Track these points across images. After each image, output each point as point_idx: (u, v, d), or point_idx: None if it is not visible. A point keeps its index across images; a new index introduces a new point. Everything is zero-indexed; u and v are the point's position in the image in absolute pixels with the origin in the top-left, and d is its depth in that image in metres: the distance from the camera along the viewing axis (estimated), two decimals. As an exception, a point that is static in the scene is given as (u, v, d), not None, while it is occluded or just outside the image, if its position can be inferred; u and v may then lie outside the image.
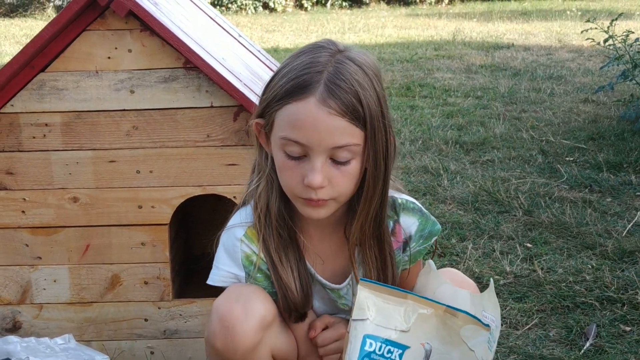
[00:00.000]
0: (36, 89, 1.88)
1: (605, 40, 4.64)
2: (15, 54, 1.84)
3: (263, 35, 10.40)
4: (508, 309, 2.29)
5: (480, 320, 1.33)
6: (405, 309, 1.33)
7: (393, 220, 1.53)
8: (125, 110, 1.89)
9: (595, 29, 4.64)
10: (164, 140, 1.90)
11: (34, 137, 1.90)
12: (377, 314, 1.33)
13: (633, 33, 4.72)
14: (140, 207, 1.93)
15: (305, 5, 16.32)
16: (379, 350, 1.31)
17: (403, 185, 1.60)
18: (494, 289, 1.44)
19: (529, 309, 2.29)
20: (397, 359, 1.31)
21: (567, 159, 3.84)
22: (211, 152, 1.90)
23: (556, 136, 4.25)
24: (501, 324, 1.57)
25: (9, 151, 1.91)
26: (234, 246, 1.50)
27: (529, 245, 2.77)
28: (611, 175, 3.51)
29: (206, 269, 1.55)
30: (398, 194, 1.54)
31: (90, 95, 1.88)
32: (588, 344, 2.07)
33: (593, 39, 4.91)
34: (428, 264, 1.46)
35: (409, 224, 1.54)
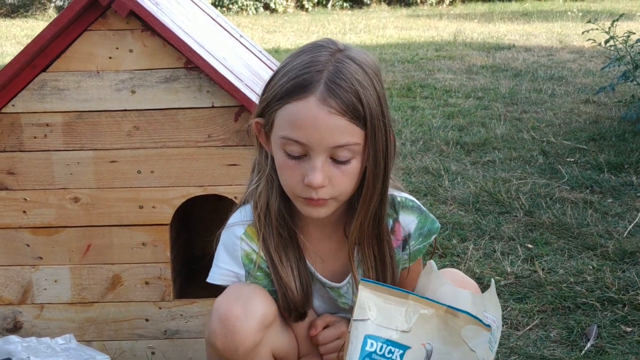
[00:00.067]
0: (37, 89, 1.88)
1: (606, 41, 4.64)
2: (17, 54, 1.84)
3: (264, 36, 10.40)
4: (509, 309, 2.28)
5: (481, 320, 1.33)
6: (406, 309, 1.33)
7: (392, 218, 1.53)
8: (126, 110, 1.89)
9: (596, 29, 4.64)
10: (165, 141, 1.90)
11: (35, 137, 1.90)
12: (378, 314, 1.33)
13: (634, 34, 4.72)
14: (141, 207, 1.93)
15: (306, 6, 16.32)
16: (380, 350, 1.31)
17: (403, 186, 1.60)
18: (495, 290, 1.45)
19: (529, 309, 2.29)
20: (398, 359, 1.31)
21: (568, 159, 3.84)
22: (212, 152, 1.90)
23: (557, 137, 4.25)
24: (502, 325, 1.57)
25: (10, 151, 1.91)
26: (234, 244, 1.50)
27: (529, 245, 2.77)
28: (612, 176, 3.51)
29: (207, 269, 1.55)
30: (397, 192, 1.54)
31: (92, 95, 1.88)
32: (589, 345, 2.07)
33: (594, 40, 4.91)
34: (429, 265, 1.46)
35: (408, 221, 1.54)
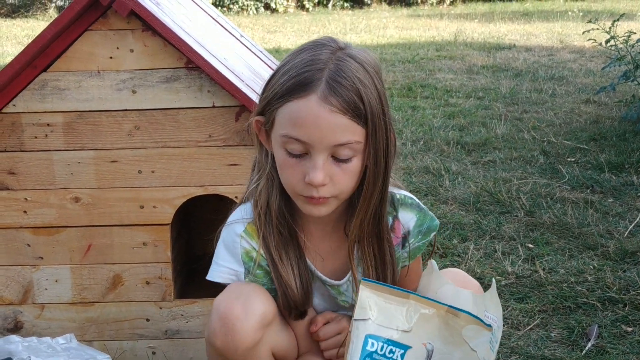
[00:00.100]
0: (38, 89, 1.88)
1: (607, 41, 4.64)
2: (17, 54, 1.84)
3: (264, 36, 10.40)
4: (510, 309, 2.28)
5: (482, 320, 1.33)
6: (407, 309, 1.33)
7: (392, 216, 1.53)
8: (127, 110, 1.89)
9: (597, 29, 4.64)
10: (166, 140, 1.90)
11: (35, 137, 1.90)
12: (379, 313, 1.33)
13: (635, 34, 4.72)
14: (142, 207, 1.93)
15: (307, 6, 16.33)
16: (381, 350, 1.31)
17: (404, 185, 1.60)
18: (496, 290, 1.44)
19: (530, 309, 2.29)
20: (399, 359, 1.31)
21: (569, 159, 3.84)
22: (213, 152, 1.90)
23: (558, 137, 4.24)
24: (503, 325, 1.57)
25: (11, 151, 1.91)
26: (234, 242, 1.50)
27: (530, 245, 2.77)
28: (613, 176, 3.51)
29: (208, 269, 1.55)
30: (397, 190, 1.54)
31: (92, 95, 1.88)
32: (590, 345, 2.07)
33: (595, 40, 4.90)
34: (430, 264, 1.46)
35: (407, 219, 1.54)
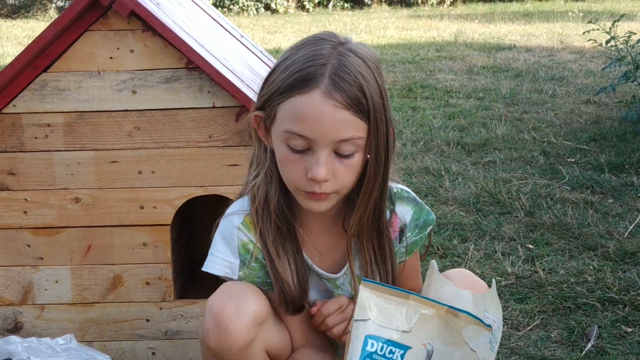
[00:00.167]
0: (38, 90, 1.88)
1: (607, 42, 4.64)
2: (17, 54, 1.85)
3: (265, 37, 10.40)
4: (509, 310, 2.28)
5: (482, 320, 1.33)
6: (407, 309, 1.33)
7: (389, 209, 1.52)
8: (127, 110, 1.89)
9: (597, 30, 4.64)
10: (166, 141, 1.90)
11: (36, 138, 1.90)
12: (379, 314, 1.33)
13: (635, 34, 4.72)
14: (142, 208, 1.93)
15: (307, 6, 16.34)
16: (381, 350, 1.31)
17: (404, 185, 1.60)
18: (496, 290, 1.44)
19: (530, 310, 2.29)
20: (399, 359, 1.31)
21: (569, 160, 3.84)
22: (213, 153, 1.91)
23: (558, 137, 4.25)
24: (503, 325, 1.57)
25: (11, 151, 1.91)
26: (232, 234, 1.49)
27: (530, 246, 2.77)
28: (613, 177, 3.51)
29: (208, 270, 1.56)
30: (393, 184, 1.54)
31: (92, 96, 1.88)
32: (589, 345, 2.07)
33: (595, 40, 4.91)
34: (431, 265, 1.46)
35: (404, 212, 1.54)
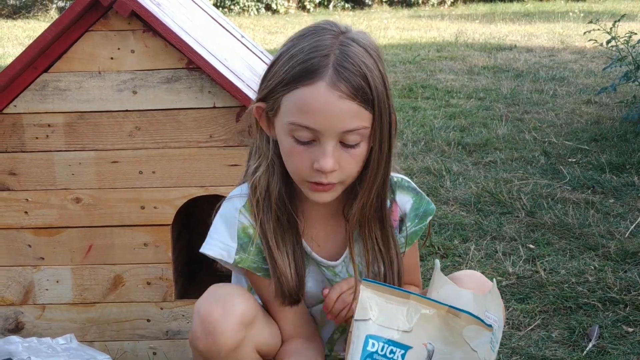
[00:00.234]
0: (39, 90, 1.88)
1: (608, 42, 4.64)
2: (18, 55, 1.85)
3: (265, 37, 10.40)
4: (511, 310, 2.28)
5: (482, 320, 1.33)
6: (407, 309, 1.33)
7: (390, 198, 1.52)
8: (127, 110, 1.89)
9: (598, 30, 4.64)
10: (167, 141, 1.90)
11: (36, 138, 1.90)
12: (380, 314, 1.32)
13: (636, 34, 4.72)
14: (142, 208, 1.93)
15: (308, 6, 16.34)
16: (382, 350, 1.31)
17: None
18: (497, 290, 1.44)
19: (531, 310, 2.29)
20: (400, 359, 1.31)
21: (570, 160, 3.83)
22: (214, 153, 1.91)
23: (559, 137, 4.24)
24: (504, 325, 1.57)
25: (12, 152, 1.91)
26: (233, 217, 1.49)
27: (531, 246, 2.77)
28: (614, 177, 3.50)
29: (208, 270, 1.55)
30: (394, 173, 1.53)
31: (93, 96, 1.88)
32: (590, 345, 2.07)
33: (596, 41, 4.90)
34: (436, 265, 1.46)
35: (404, 201, 1.54)
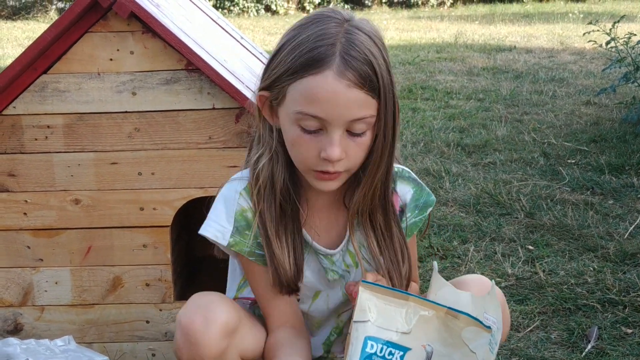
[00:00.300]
0: (38, 91, 1.88)
1: (608, 43, 4.64)
2: (18, 56, 1.85)
3: (265, 38, 10.39)
4: (510, 311, 2.27)
5: (481, 322, 1.33)
6: (406, 311, 1.33)
7: (391, 188, 1.52)
8: (127, 112, 1.89)
9: (598, 31, 4.64)
10: (166, 142, 1.90)
11: (36, 139, 1.90)
12: (379, 315, 1.32)
13: (635, 35, 4.72)
14: (142, 209, 1.93)
15: (308, 8, 16.33)
16: (380, 352, 1.31)
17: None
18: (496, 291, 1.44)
19: (530, 311, 2.29)
20: (398, 360, 1.31)
21: (569, 161, 3.84)
22: (213, 154, 1.91)
23: (558, 138, 4.25)
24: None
25: (11, 153, 1.91)
26: (233, 198, 1.48)
27: (530, 247, 2.77)
28: (613, 178, 3.51)
29: (208, 271, 1.55)
30: (395, 164, 1.52)
31: (92, 97, 1.88)
32: (589, 347, 2.07)
33: (595, 42, 4.91)
34: (434, 267, 1.46)
35: (405, 191, 1.54)
